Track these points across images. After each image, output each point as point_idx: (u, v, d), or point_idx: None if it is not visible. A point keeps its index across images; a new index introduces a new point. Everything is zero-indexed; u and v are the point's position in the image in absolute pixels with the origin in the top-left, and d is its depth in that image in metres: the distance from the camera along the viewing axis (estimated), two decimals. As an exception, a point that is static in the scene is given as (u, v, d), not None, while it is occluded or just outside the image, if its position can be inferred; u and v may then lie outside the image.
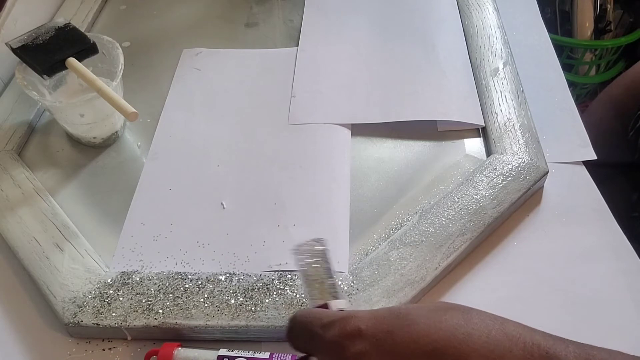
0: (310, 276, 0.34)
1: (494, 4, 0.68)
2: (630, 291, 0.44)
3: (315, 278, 0.34)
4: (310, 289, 0.34)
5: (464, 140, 0.55)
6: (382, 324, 0.27)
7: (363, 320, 0.28)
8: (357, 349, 0.27)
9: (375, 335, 0.27)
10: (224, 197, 0.51)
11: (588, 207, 0.50)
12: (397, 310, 0.28)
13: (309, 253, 0.35)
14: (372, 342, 0.27)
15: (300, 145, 0.55)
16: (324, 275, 0.34)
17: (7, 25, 0.63)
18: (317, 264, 0.35)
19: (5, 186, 0.52)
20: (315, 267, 0.35)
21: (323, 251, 0.36)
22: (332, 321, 0.29)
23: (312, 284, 0.34)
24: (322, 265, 0.35)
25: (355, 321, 0.28)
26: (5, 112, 0.59)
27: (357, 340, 0.27)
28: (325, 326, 0.29)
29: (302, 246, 0.36)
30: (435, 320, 0.27)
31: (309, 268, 0.35)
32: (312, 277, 0.34)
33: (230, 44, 0.68)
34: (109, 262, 0.46)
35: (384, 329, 0.27)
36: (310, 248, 0.35)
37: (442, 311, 0.27)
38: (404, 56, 0.63)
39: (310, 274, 0.34)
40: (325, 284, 0.34)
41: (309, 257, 0.35)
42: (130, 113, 0.48)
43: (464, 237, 0.45)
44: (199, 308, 0.42)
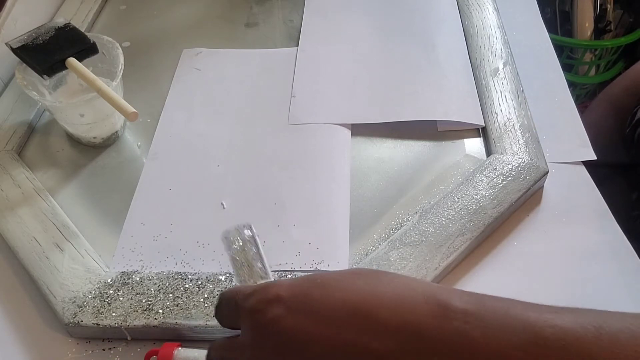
0: (238, 260, 0.35)
1: (494, 4, 0.68)
2: (630, 291, 0.44)
3: (243, 262, 0.35)
4: (239, 272, 0.35)
5: (464, 140, 0.55)
6: (299, 289, 0.29)
7: (282, 288, 0.29)
8: (275, 313, 0.28)
9: (291, 298, 0.28)
10: (224, 197, 0.51)
11: (588, 207, 0.50)
12: (314, 277, 0.30)
13: (238, 238, 0.36)
14: (288, 305, 0.28)
15: (300, 145, 0.55)
16: (253, 258, 0.35)
17: (7, 25, 0.63)
18: (245, 249, 0.35)
19: (5, 186, 0.52)
20: (244, 252, 0.35)
21: (251, 236, 0.36)
22: (253, 290, 0.30)
23: (241, 268, 0.35)
24: (250, 249, 0.35)
25: (275, 288, 0.29)
26: (5, 112, 0.59)
27: (275, 305, 0.28)
28: (247, 296, 0.30)
29: (230, 232, 0.36)
30: (347, 282, 0.29)
31: (236, 252, 0.35)
32: (240, 261, 0.35)
33: (230, 44, 0.68)
34: (109, 262, 0.46)
35: (301, 292, 0.29)
36: (238, 234, 0.36)
37: (355, 274, 0.29)
38: (404, 56, 0.63)
39: (238, 258, 0.35)
40: (254, 267, 0.35)
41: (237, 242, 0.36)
42: (130, 113, 0.48)
43: (464, 237, 0.45)
44: (199, 308, 0.42)
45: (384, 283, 0.28)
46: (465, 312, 0.26)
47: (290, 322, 0.27)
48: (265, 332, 0.28)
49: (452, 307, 0.26)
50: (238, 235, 0.36)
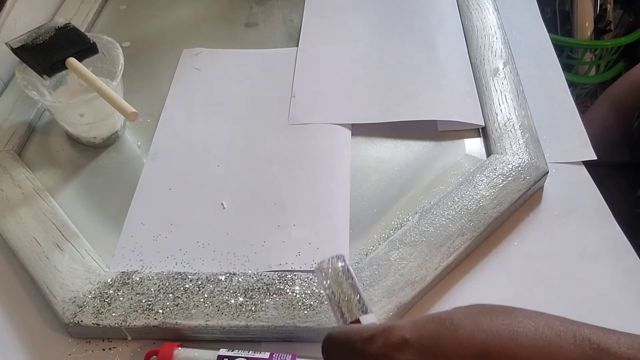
0: (335, 295, 0.34)
1: (494, 4, 0.68)
2: (630, 291, 0.44)
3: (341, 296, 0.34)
4: (337, 307, 0.34)
5: (464, 140, 0.55)
6: (426, 331, 0.27)
7: (406, 330, 0.27)
8: (405, 358, 0.26)
9: (420, 342, 0.26)
10: (224, 197, 0.51)
11: (588, 207, 0.50)
12: (438, 317, 0.28)
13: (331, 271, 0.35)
14: (418, 349, 0.26)
15: (300, 145, 0.55)
16: (350, 291, 0.34)
17: (7, 25, 0.63)
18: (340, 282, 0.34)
19: (5, 186, 0.52)
20: (339, 285, 0.34)
21: (345, 267, 0.35)
22: (374, 334, 0.28)
23: (339, 303, 0.34)
24: (346, 282, 0.34)
25: (399, 331, 0.27)
26: (5, 112, 0.59)
27: (403, 350, 0.26)
28: (366, 340, 0.28)
29: (323, 264, 0.35)
30: (479, 321, 0.26)
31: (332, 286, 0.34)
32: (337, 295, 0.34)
33: (230, 44, 0.68)
34: (109, 262, 0.46)
35: (428, 336, 0.27)
36: (331, 266, 0.35)
37: (484, 313, 0.27)
38: (404, 56, 0.63)
39: (335, 292, 0.34)
40: (352, 301, 0.34)
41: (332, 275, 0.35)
42: (130, 113, 0.48)
43: (464, 237, 0.45)
44: (199, 308, 0.42)
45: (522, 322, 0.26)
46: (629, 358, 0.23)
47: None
48: None
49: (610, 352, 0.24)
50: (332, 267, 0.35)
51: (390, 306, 0.41)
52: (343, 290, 0.34)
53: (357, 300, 0.34)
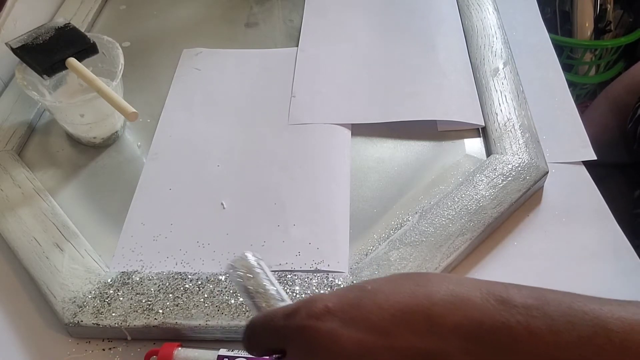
0: (250, 288, 0.34)
1: (494, 4, 0.68)
2: (630, 291, 0.44)
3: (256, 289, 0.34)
4: (254, 300, 0.33)
5: (464, 140, 0.55)
6: (346, 298, 0.28)
7: (328, 299, 0.28)
8: (328, 326, 0.27)
9: (342, 309, 0.27)
10: (224, 197, 0.51)
11: (588, 207, 0.50)
12: (359, 285, 0.29)
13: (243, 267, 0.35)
14: (340, 316, 0.27)
15: (300, 145, 0.55)
16: (265, 283, 0.34)
17: (7, 25, 0.63)
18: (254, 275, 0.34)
19: (5, 186, 0.52)
20: (253, 278, 0.34)
21: (257, 261, 0.35)
22: (296, 308, 0.29)
23: (255, 295, 0.34)
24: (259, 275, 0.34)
25: (321, 301, 0.28)
26: (5, 112, 0.59)
27: (326, 318, 0.27)
28: (289, 315, 0.29)
29: (235, 261, 0.35)
30: (395, 285, 0.28)
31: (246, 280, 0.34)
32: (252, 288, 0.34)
33: (230, 44, 0.68)
34: (109, 262, 0.46)
35: (349, 302, 0.27)
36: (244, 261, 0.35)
37: (402, 278, 0.29)
38: (404, 56, 0.63)
39: (250, 286, 0.34)
40: (268, 291, 0.34)
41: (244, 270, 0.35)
42: (130, 113, 0.48)
43: (464, 237, 0.45)
44: (199, 308, 0.42)
45: (435, 283, 0.27)
46: (528, 306, 0.25)
47: (345, 335, 0.26)
48: (320, 347, 0.27)
49: (512, 302, 0.25)
50: (243, 262, 0.35)
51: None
52: (258, 284, 0.34)
53: (274, 291, 0.34)
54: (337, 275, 0.43)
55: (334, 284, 0.43)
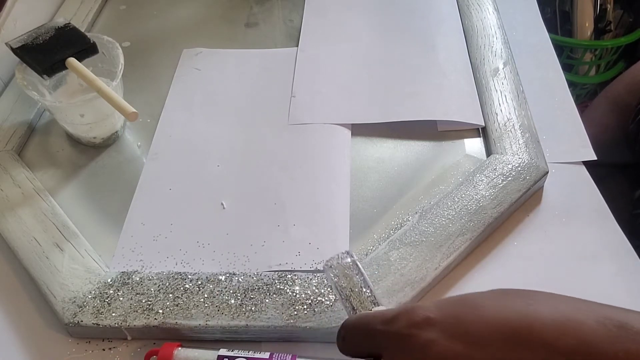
0: (345, 288, 0.34)
1: (494, 4, 0.68)
2: (630, 291, 0.44)
3: (351, 290, 0.34)
4: (348, 301, 0.34)
5: (464, 140, 0.55)
6: (449, 310, 0.27)
7: (429, 309, 0.28)
8: (428, 336, 0.26)
9: (444, 321, 0.27)
10: (224, 197, 0.51)
11: (588, 207, 0.50)
12: (461, 298, 0.28)
13: (339, 267, 0.35)
14: (441, 328, 0.27)
15: (300, 145, 0.55)
16: (360, 285, 0.34)
17: (7, 25, 0.63)
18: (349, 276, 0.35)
19: (5, 186, 0.52)
20: (349, 279, 0.34)
21: (353, 262, 0.35)
22: (396, 315, 0.28)
23: (350, 296, 0.34)
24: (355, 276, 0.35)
25: (422, 311, 0.28)
26: (5, 112, 0.59)
27: (427, 328, 0.27)
28: (388, 321, 0.28)
29: (331, 260, 0.35)
30: (502, 301, 0.27)
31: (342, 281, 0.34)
32: (347, 289, 0.34)
33: (230, 44, 0.68)
34: (109, 262, 0.46)
35: (452, 315, 0.27)
36: (340, 262, 0.35)
37: (506, 294, 0.28)
38: (404, 56, 0.63)
39: (345, 286, 0.34)
40: (363, 294, 0.34)
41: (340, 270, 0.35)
42: (130, 113, 0.48)
43: (464, 237, 0.45)
44: (199, 308, 0.42)
45: (545, 302, 0.26)
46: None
47: (445, 346, 0.26)
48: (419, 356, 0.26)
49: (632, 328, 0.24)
50: (340, 263, 0.35)
51: (390, 306, 0.41)
52: (353, 285, 0.34)
53: (368, 294, 0.34)
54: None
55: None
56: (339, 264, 0.35)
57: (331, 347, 0.41)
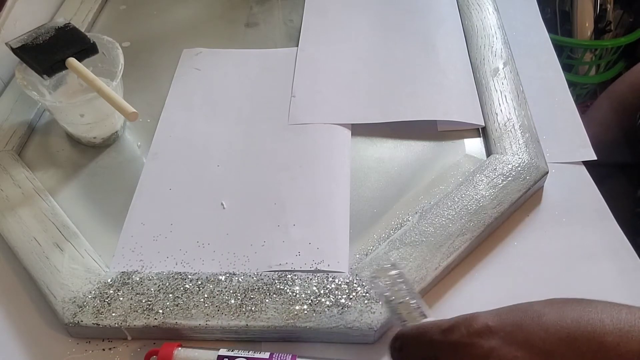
0: (393, 300, 0.35)
1: (494, 4, 0.68)
2: (630, 291, 0.44)
3: (399, 301, 0.34)
4: (397, 312, 0.34)
5: (464, 140, 0.55)
6: (508, 318, 0.28)
7: (489, 318, 0.28)
8: (489, 344, 0.27)
9: (504, 329, 0.27)
10: (224, 197, 0.51)
11: (588, 207, 0.50)
12: (519, 306, 0.28)
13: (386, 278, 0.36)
14: (502, 336, 0.27)
15: (300, 145, 0.55)
16: (407, 296, 0.34)
17: (7, 25, 0.63)
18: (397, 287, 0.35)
19: (5, 186, 0.52)
20: (396, 291, 0.35)
21: (399, 273, 0.36)
22: (454, 324, 0.29)
23: (398, 307, 0.34)
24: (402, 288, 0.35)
25: (482, 319, 0.28)
26: (5, 112, 0.59)
27: (487, 336, 0.27)
28: (446, 331, 0.29)
29: (378, 272, 0.36)
30: (561, 309, 0.27)
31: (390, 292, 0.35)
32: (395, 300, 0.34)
33: (230, 44, 0.68)
34: (109, 262, 0.46)
35: (512, 323, 0.27)
36: (386, 272, 0.36)
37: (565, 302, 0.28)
38: (404, 56, 0.63)
39: (393, 298, 0.35)
40: (410, 305, 0.34)
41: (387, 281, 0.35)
42: (130, 113, 0.48)
43: (464, 237, 0.45)
44: (199, 308, 0.42)
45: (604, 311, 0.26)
46: None
47: (507, 353, 0.26)
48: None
49: None
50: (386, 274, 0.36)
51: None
52: (401, 296, 0.35)
53: (415, 305, 0.34)
54: (337, 275, 0.43)
55: (335, 284, 0.43)
56: (386, 275, 0.36)
57: (331, 347, 0.41)
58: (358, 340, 0.41)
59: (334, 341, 0.42)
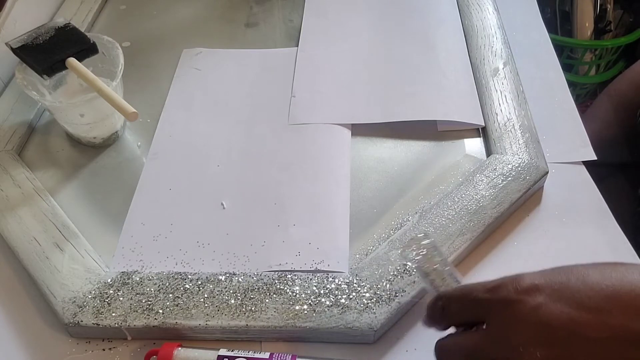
0: (427, 268, 0.36)
1: (494, 4, 0.68)
2: (630, 291, 0.44)
3: (433, 269, 0.35)
4: (431, 279, 0.35)
5: (464, 140, 0.55)
6: (554, 277, 0.29)
7: (535, 277, 0.29)
8: (536, 301, 0.28)
9: (551, 287, 0.28)
10: (224, 197, 0.51)
11: (588, 207, 0.50)
12: (563, 268, 0.30)
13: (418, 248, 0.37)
14: (548, 293, 0.28)
15: (300, 145, 0.55)
16: (440, 264, 0.36)
17: (7, 25, 0.63)
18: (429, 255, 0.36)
19: (5, 186, 0.52)
20: (429, 259, 0.36)
21: (431, 243, 0.37)
22: (500, 284, 0.30)
23: (431, 274, 0.35)
24: (435, 255, 0.36)
25: (528, 278, 0.29)
26: (5, 112, 0.59)
27: (534, 294, 0.28)
28: (492, 289, 0.30)
29: (411, 241, 0.37)
30: (604, 270, 0.28)
31: (423, 261, 0.36)
32: (429, 268, 0.36)
33: (230, 44, 0.68)
34: (109, 262, 0.46)
35: (558, 281, 0.29)
36: (418, 242, 0.37)
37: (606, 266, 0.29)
38: (404, 56, 0.63)
39: (427, 265, 0.36)
40: (443, 272, 0.35)
41: (421, 251, 0.37)
42: (130, 113, 0.48)
43: (464, 237, 0.45)
44: (199, 308, 0.42)
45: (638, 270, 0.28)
46: None
47: (554, 309, 0.27)
48: (528, 320, 0.28)
49: None
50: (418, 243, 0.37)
51: (390, 306, 0.41)
52: (433, 263, 0.36)
53: (449, 272, 0.35)
54: (337, 275, 0.43)
55: (335, 284, 0.43)
56: (419, 244, 0.37)
57: (331, 347, 0.41)
58: (358, 340, 0.41)
59: (334, 341, 0.42)
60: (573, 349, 0.26)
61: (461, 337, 0.31)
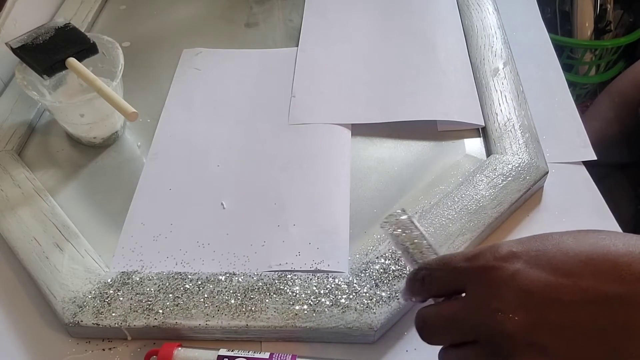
0: (405, 242, 0.36)
1: (494, 4, 0.68)
2: (630, 291, 0.44)
3: (411, 243, 0.36)
4: (410, 253, 0.36)
5: (464, 140, 0.55)
6: (531, 244, 0.30)
7: (512, 245, 0.30)
8: (515, 267, 0.29)
9: (528, 254, 0.29)
10: (224, 197, 0.51)
11: (588, 207, 0.50)
12: (540, 235, 0.30)
13: (397, 222, 0.37)
14: (526, 260, 0.29)
15: (300, 145, 0.55)
16: (418, 238, 0.36)
17: (7, 25, 0.63)
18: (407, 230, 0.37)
19: (5, 186, 0.52)
20: (407, 233, 0.36)
21: (409, 219, 0.37)
22: (479, 252, 0.30)
23: (410, 248, 0.36)
24: (413, 230, 0.37)
25: (506, 246, 0.30)
26: (5, 112, 0.59)
27: (512, 260, 0.29)
28: (471, 258, 0.30)
29: (389, 217, 0.37)
30: (577, 238, 0.29)
31: (401, 235, 0.36)
32: (407, 242, 0.36)
33: (230, 44, 0.68)
34: (109, 262, 0.46)
35: (534, 248, 0.29)
36: (397, 219, 0.37)
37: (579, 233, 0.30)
38: (404, 56, 0.63)
39: (405, 240, 0.36)
40: (422, 245, 0.36)
41: (398, 226, 0.37)
42: (130, 113, 0.48)
43: (464, 237, 0.45)
44: (199, 308, 0.42)
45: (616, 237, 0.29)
46: None
47: (531, 274, 0.28)
48: (505, 286, 0.28)
49: None
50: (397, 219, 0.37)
51: (390, 306, 0.41)
52: (412, 238, 0.36)
53: (427, 246, 0.36)
54: (337, 275, 0.43)
55: (335, 284, 0.43)
56: (397, 220, 0.37)
57: (331, 347, 0.41)
58: (358, 340, 0.41)
59: (334, 341, 0.42)
60: (549, 313, 0.27)
61: (441, 306, 0.32)
